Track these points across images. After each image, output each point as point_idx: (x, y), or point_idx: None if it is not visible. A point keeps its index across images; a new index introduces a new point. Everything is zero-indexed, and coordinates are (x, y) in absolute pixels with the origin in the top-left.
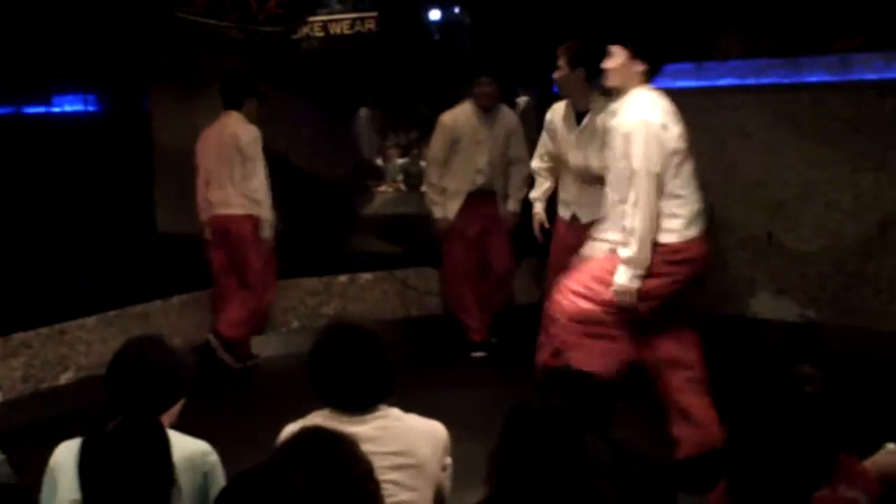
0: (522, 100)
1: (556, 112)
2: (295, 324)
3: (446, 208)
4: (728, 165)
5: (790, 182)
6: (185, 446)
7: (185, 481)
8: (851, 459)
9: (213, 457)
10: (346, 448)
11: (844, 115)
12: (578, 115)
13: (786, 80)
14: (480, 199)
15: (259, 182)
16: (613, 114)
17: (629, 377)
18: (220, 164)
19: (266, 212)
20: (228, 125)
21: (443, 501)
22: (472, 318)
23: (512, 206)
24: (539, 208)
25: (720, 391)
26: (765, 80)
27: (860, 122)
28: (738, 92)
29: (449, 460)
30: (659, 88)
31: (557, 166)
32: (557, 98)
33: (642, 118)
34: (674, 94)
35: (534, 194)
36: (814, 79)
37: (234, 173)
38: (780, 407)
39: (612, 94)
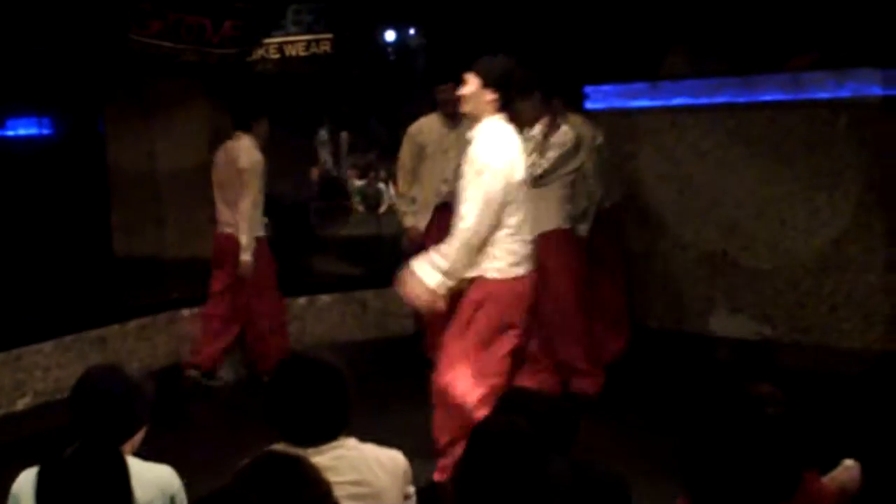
0: None
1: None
2: None
3: (416, 217)
4: (683, 184)
5: (745, 200)
6: (148, 472)
7: None
8: (811, 477)
9: (177, 480)
10: (304, 470)
11: (798, 134)
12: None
13: (740, 99)
14: (447, 211)
15: (245, 206)
16: (469, 141)
17: (593, 397)
18: (222, 184)
19: (243, 235)
20: (234, 148)
21: None
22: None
23: None
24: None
25: (677, 408)
26: (719, 99)
27: (814, 140)
28: (693, 111)
29: (412, 489)
30: (612, 108)
31: None
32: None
33: (492, 156)
34: (628, 114)
35: None
36: (767, 97)
37: (231, 195)
38: (741, 427)
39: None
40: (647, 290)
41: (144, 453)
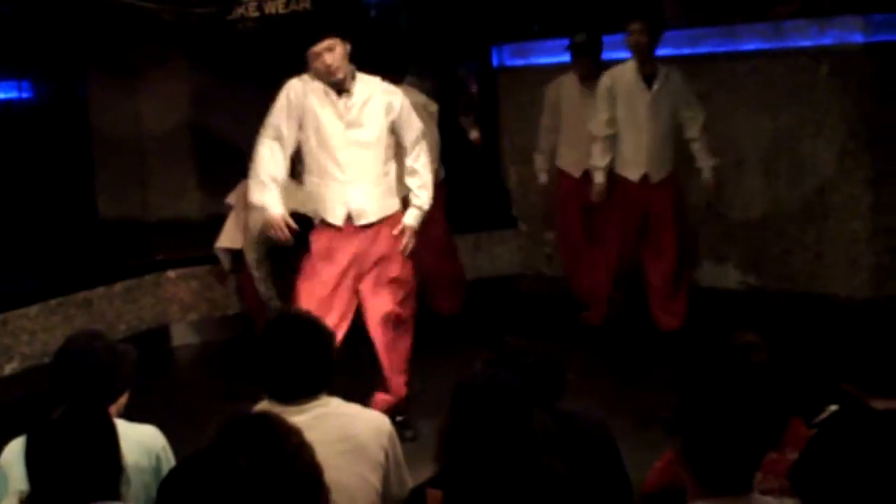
0: None
1: (619, 77)
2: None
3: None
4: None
5: (728, 150)
6: (134, 432)
7: (139, 465)
8: (797, 423)
9: (162, 439)
10: (273, 426)
11: (780, 83)
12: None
13: (722, 49)
14: None
15: None
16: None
17: (582, 347)
18: None
19: None
20: None
21: (397, 496)
22: None
23: None
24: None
25: (663, 358)
26: (701, 50)
27: (796, 89)
28: (675, 62)
29: (398, 452)
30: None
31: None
32: (497, 72)
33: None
34: (611, 64)
35: (602, 162)
36: (749, 47)
37: None
38: (728, 374)
39: None
40: None
41: (130, 415)
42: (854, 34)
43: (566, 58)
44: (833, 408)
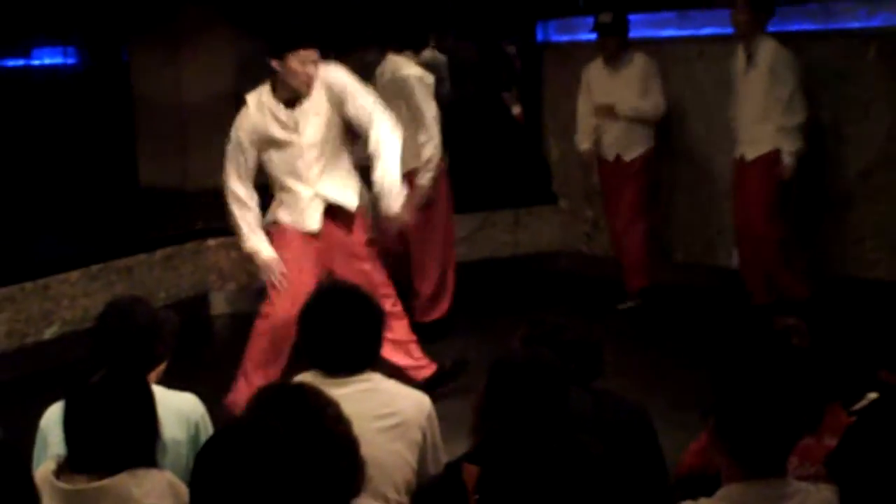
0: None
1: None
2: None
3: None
4: (711, 116)
5: None
6: (173, 400)
7: (177, 432)
8: (836, 409)
9: (201, 407)
10: (311, 395)
11: (828, 64)
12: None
13: (769, 29)
14: None
15: None
16: None
17: (620, 328)
18: None
19: None
20: None
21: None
22: None
23: None
24: None
25: (702, 341)
26: None
27: (844, 71)
28: (721, 41)
29: (435, 431)
30: (642, 37)
31: None
32: (541, 48)
33: None
34: (657, 43)
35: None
36: (797, 27)
37: None
38: (768, 357)
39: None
40: (674, 223)
41: (169, 382)
42: None
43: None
44: (872, 395)
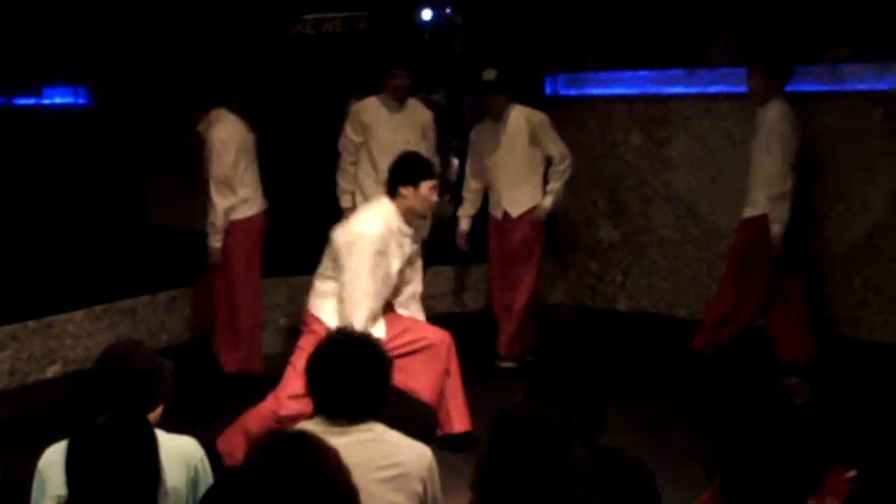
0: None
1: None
2: (282, 322)
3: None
4: (716, 172)
5: None
6: (172, 443)
7: (177, 476)
8: (838, 472)
9: (200, 450)
10: (312, 443)
11: (834, 125)
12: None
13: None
14: None
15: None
16: None
17: (623, 384)
18: None
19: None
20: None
21: None
22: None
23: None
24: None
25: (707, 398)
26: None
27: (849, 132)
28: (729, 99)
29: (436, 483)
30: (650, 94)
31: None
32: (548, 100)
33: None
34: (664, 100)
35: None
36: (804, 88)
37: None
38: (771, 416)
39: None
40: (678, 278)
41: (168, 426)
42: None
43: (618, 89)
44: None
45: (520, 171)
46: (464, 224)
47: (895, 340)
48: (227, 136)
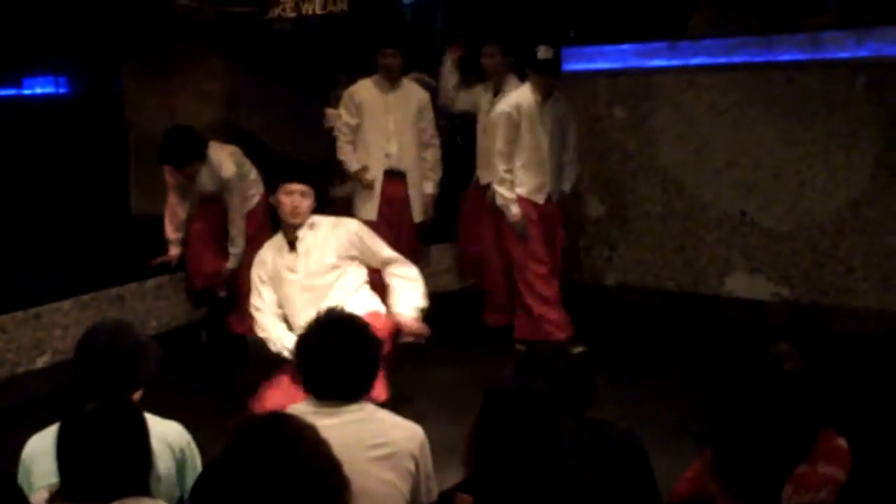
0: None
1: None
2: None
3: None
4: (701, 144)
5: (763, 161)
6: (159, 427)
7: (164, 460)
8: (828, 435)
9: (187, 436)
10: (287, 424)
11: (816, 94)
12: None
13: (758, 59)
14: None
15: None
16: None
17: (611, 357)
18: None
19: None
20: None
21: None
22: None
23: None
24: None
25: (693, 369)
26: (737, 59)
27: (832, 101)
28: (711, 71)
29: (427, 461)
30: (633, 68)
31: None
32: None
33: None
34: (646, 74)
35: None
36: (786, 57)
37: None
38: (761, 384)
39: None
40: (665, 251)
41: (158, 410)
42: (892, 46)
43: (600, 64)
44: None
45: (564, 152)
46: (517, 209)
47: (880, 306)
48: None
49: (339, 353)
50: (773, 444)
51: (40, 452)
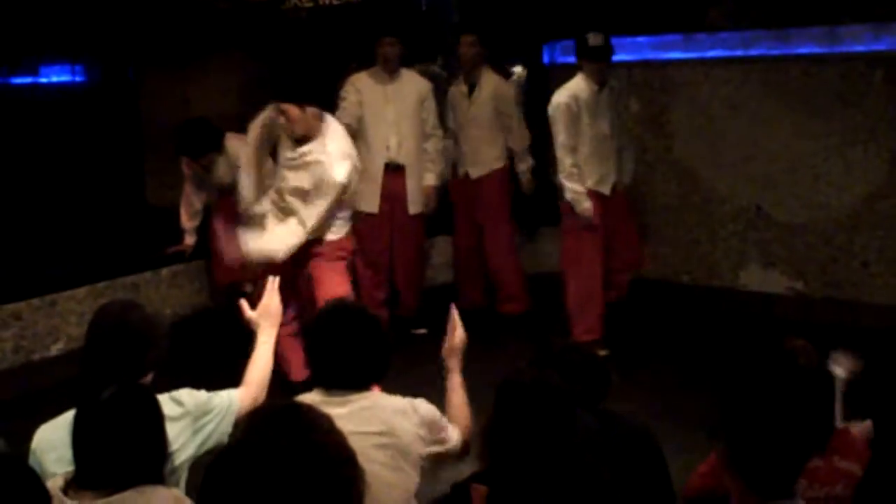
0: (517, 71)
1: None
2: None
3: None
4: (716, 138)
5: (779, 154)
6: (166, 405)
7: (182, 433)
8: (843, 430)
9: (190, 397)
10: (301, 413)
11: (833, 87)
12: None
13: (774, 52)
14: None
15: None
16: None
17: (626, 351)
18: None
19: None
20: None
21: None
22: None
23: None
24: None
25: (708, 362)
26: (753, 52)
27: (849, 94)
28: (727, 63)
29: (432, 423)
30: (648, 60)
31: None
32: (546, 68)
33: None
34: (662, 66)
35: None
36: (802, 50)
37: None
38: (776, 378)
39: None
40: (680, 244)
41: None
42: None
43: (616, 56)
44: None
45: (616, 141)
46: (589, 203)
47: (895, 301)
48: None
49: (347, 343)
50: (788, 438)
51: (50, 441)
